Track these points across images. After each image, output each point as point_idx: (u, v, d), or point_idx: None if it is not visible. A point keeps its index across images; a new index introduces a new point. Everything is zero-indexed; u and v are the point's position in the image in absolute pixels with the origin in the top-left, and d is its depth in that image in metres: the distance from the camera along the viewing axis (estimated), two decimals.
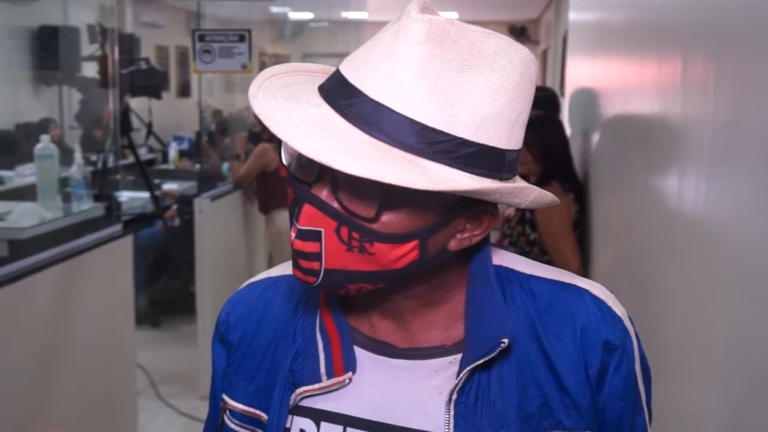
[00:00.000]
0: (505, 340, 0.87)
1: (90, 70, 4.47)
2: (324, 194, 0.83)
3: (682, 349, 1.57)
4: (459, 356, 0.91)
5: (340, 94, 0.82)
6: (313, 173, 0.84)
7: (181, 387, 4.52)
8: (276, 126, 0.78)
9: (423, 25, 0.80)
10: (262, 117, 0.80)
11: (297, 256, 0.86)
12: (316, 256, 0.84)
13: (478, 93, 0.80)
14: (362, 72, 0.82)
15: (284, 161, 0.86)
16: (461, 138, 0.80)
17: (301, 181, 0.85)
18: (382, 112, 0.79)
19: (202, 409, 4.21)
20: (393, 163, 0.77)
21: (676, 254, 1.68)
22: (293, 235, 0.85)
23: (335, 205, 0.83)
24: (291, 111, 0.81)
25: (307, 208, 0.83)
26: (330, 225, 0.83)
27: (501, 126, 0.82)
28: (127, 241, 3.38)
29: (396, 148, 0.79)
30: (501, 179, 0.84)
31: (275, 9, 8.83)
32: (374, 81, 0.80)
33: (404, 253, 0.84)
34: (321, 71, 0.92)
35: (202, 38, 4.59)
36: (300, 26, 10.49)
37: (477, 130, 0.81)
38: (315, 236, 0.83)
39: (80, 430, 2.91)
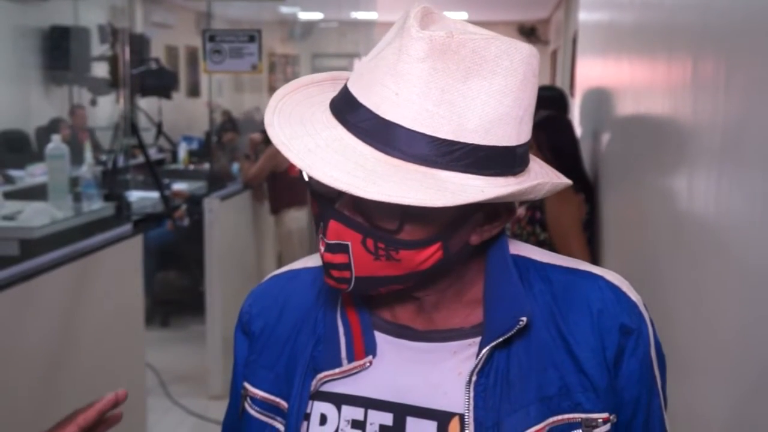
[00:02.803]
0: (524, 318, 0.90)
1: (100, 70, 4.49)
2: (348, 209, 0.86)
3: (691, 349, 1.57)
4: (478, 339, 0.93)
5: (351, 114, 0.85)
6: (336, 189, 0.86)
7: (190, 386, 4.51)
8: (294, 155, 0.82)
9: (424, 42, 0.82)
10: (280, 147, 0.83)
11: (328, 267, 0.90)
12: (346, 266, 0.88)
13: (484, 98, 0.83)
14: (370, 91, 0.84)
15: (306, 177, 0.88)
16: (472, 144, 0.83)
17: (325, 196, 0.88)
18: (394, 129, 0.82)
19: (212, 409, 4.23)
20: (409, 180, 0.80)
21: (685, 255, 1.68)
22: (322, 248, 0.89)
23: (359, 219, 0.86)
24: (306, 136, 0.84)
25: (333, 224, 0.87)
26: (356, 238, 0.87)
27: (509, 125, 0.85)
28: (137, 241, 3.39)
29: (410, 163, 0.82)
30: (514, 174, 0.88)
31: (285, 9, 8.84)
32: (383, 101, 0.83)
33: (429, 256, 0.87)
34: (329, 78, 0.96)
35: (212, 38, 4.60)
36: (309, 26, 10.51)
37: (486, 134, 0.84)
38: (343, 248, 0.87)
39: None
